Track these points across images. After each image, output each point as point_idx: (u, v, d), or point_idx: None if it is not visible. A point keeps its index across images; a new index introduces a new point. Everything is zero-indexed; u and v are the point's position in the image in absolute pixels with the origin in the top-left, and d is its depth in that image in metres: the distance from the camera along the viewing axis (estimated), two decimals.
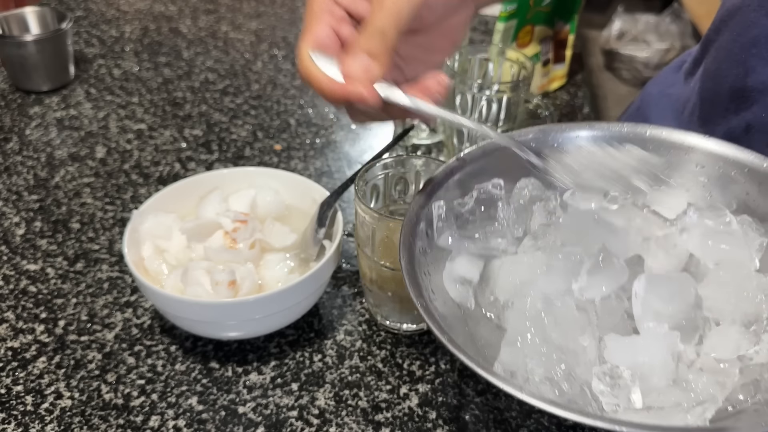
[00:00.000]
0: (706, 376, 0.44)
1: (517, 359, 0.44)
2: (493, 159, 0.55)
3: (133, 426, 0.55)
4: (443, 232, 0.51)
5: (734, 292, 0.47)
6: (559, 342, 0.44)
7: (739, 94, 0.62)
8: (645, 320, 0.47)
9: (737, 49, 0.61)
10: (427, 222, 0.51)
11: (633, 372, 0.44)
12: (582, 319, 0.46)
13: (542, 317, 0.45)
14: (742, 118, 0.62)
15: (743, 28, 0.61)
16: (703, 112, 0.67)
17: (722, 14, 0.65)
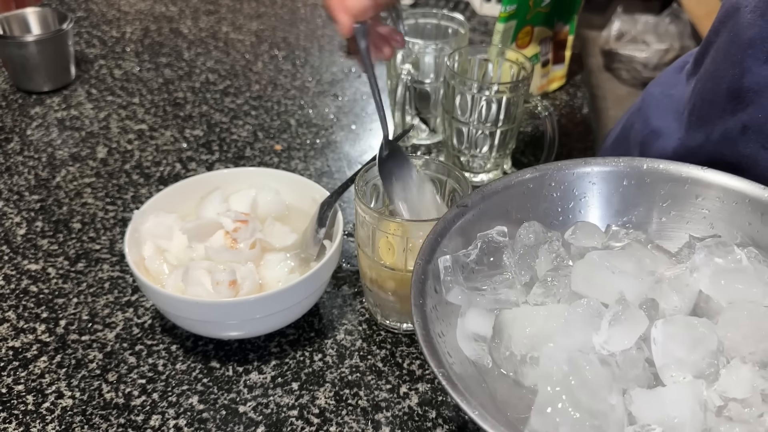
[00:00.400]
0: (738, 427, 0.43)
1: (548, 427, 0.43)
2: (492, 204, 0.56)
3: (134, 425, 0.55)
4: (451, 287, 0.51)
5: (751, 331, 0.47)
6: (589, 405, 0.43)
7: (735, 95, 0.62)
8: (668, 370, 0.46)
9: (734, 50, 0.62)
10: (434, 278, 0.50)
11: (664, 428, 0.42)
12: (607, 375, 0.44)
13: (570, 381, 0.43)
14: (739, 119, 0.62)
15: (740, 29, 0.61)
16: (702, 112, 0.68)
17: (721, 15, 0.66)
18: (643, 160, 0.59)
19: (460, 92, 0.77)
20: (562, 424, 0.42)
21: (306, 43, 1.15)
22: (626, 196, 0.59)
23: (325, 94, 1.02)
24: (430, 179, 0.63)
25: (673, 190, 0.58)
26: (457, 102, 0.78)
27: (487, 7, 1.26)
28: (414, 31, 0.89)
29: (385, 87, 1.02)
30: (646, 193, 0.58)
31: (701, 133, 0.67)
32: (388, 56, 0.69)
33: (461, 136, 0.80)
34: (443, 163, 0.64)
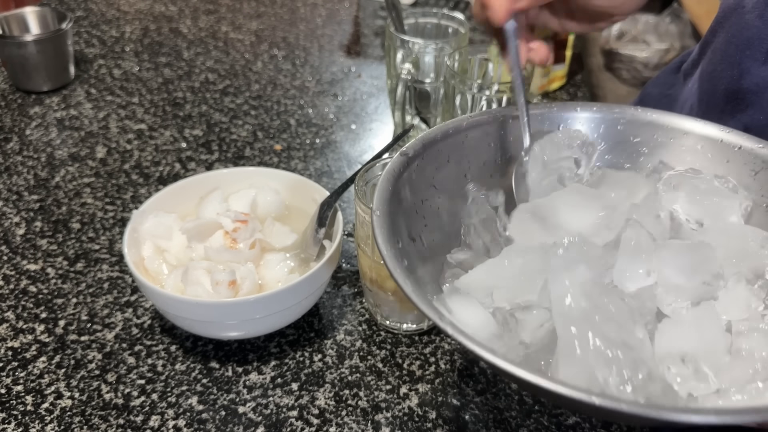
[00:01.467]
0: (755, 334, 0.41)
1: (582, 372, 0.38)
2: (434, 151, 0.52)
3: (134, 426, 0.55)
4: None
5: (732, 251, 0.46)
6: (621, 338, 0.39)
7: (734, 96, 0.62)
8: (664, 299, 0.44)
9: (732, 51, 0.61)
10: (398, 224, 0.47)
11: (698, 355, 0.41)
12: (626, 309, 0.41)
13: (594, 316, 0.39)
14: (739, 120, 0.62)
15: (737, 30, 0.61)
16: (700, 113, 0.67)
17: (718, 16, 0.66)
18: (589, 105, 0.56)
19: (460, 92, 0.77)
20: (599, 366, 0.38)
21: (306, 43, 1.15)
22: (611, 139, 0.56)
23: (324, 93, 1.01)
24: None
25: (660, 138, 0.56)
26: (457, 102, 0.78)
27: None
28: (414, 31, 0.88)
29: (384, 87, 1.02)
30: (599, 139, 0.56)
31: None
32: (542, 59, 0.58)
33: None
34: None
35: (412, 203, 0.49)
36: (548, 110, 0.56)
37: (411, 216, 0.48)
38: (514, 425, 0.56)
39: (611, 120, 0.56)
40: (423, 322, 0.64)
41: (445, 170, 0.52)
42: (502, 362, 0.35)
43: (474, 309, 0.45)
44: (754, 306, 0.44)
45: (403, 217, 0.47)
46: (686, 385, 0.41)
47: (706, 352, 0.41)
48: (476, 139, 0.54)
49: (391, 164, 0.48)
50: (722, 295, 0.45)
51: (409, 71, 0.84)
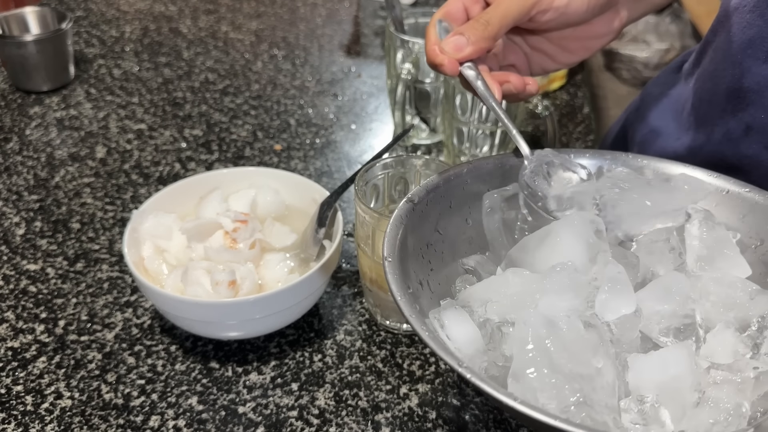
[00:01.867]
0: (726, 387, 0.42)
1: (525, 392, 0.41)
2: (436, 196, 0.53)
3: (133, 426, 0.55)
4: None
5: (720, 299, 0.47)
6: (569, 368, 0.41)
7: (735, 95, 0.62)
8: (650, 324, 0.46)
9: (733, 50, 0.61)
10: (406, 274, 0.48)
11: (662, 392, 0.42)
12: (592, 338, 0.43)
13: (546, 343, 0.42)
14: (740, 120, 0.62)
15: (739, 29, 0.61)
16: (701, 112, 0.67)
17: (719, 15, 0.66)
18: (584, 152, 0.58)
19: (460, 92, 0.77)
20: (540, 390, 0.41)
21: (306, 43, 1.15)
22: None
23: (324, 93, 1.01)
24: None
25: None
26: (457, 102, 0.78)
27: None
28: (414, 31, 0.88)
29: (384, 87, 1.02)
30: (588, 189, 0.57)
31: (701, 134, 0.67)
32: (517, 89, 0.57)
33: (461, 135, 0.80)
34: (443, 163, 0.63)
35: (418, 248, 0.50)
36: (545, 156, 0.57)
37: (417, 261, 0.50)
38: (514, 425, 0.56)
39: (598, 167, 0.57)
40: None
41: (447, 215, 0.53)
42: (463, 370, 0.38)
43: (465, 325, 0.46)
44: (741, 352, 0.45)
45: (411, 262, 0.49)
46: (638, 422, 0.42)
47: (670, 392, 0.42)
48: (476, 184, 0.55)
49: (398, 211, 0.50)
50: (710, 338, 0.46)
51: (409, 71, 0.84)
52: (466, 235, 0.54)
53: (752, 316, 0.47)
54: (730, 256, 0.50)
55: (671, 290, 0.47)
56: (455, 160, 0.83)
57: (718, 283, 0.48)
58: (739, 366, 0.44)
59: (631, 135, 0.80)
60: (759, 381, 0.43)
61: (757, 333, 0.46)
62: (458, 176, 0.54)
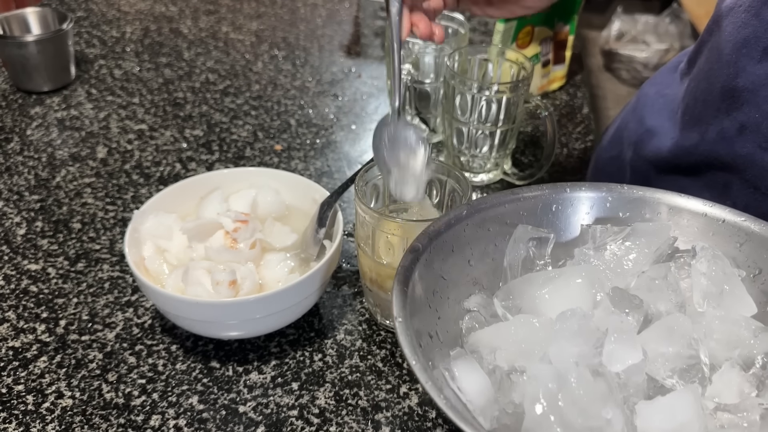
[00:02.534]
0: (732, 430, 0.43)
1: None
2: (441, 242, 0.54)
3: (134, 425, 0.55)
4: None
5: (724, 338, 0.47)
6: (581, 423, 0.41)
7: (730, 94, 0.62)
8: (656, 367, 0.46)
9: (728, 50, 0.62)
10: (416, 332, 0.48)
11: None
12: (601, 387, 0.43)
13: (558, 400, 0.42)
14: (735, 119, 0.62)
15: (734, 29, 0.61)
16: (696, 111, 0.68)
17: (715, 15, 0.66)
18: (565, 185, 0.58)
19: (460, 92, 0.77)
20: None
21: (306, 43, 1.15)
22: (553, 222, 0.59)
23: (325, 94, 1.02)
24: (424, 143, 0.61)
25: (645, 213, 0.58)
26: (457, 102, 0.78)
27: None
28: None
29: (384, 87, 1.02)
30: (577, 216, 0.58)
31: (696, 133, 0.67)
32: (423, 33, 0.68)
33: (461, 136, 0.80)
34: (443, 163, 0.64)
35: (425, 298, 0.51)
36: (540, 193, 0.58)
37: (425, 312, 0.50)
38: None
39: (600, 198, 0.58)
40: None
41: (450, 260, 0.54)
42: None
43: (474, 374, 0.47)
44: (747, 391, 0.45)
45: (419, 317, 0.49)
46: None
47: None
48: (476, 226, 0.56)
49: (402, 262, 0.50)
50: (716, 378, 0.46)
51: (409, 71, 0.84)
52: (469, 277, 0.55)
53: (756, 354, 0.47)
54: (737, 294, 0.51)
55: (674, 331, 0.47)
56: (455, 161, 0.83)
57: (722, 321, 0.48)
58: (745, 406, 0.44)
59: (627, 135, 0.80)
60: (765, 421, 0.43)
61: (761, 371, 0.46)
62: (458, 219, 0.55)
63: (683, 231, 0.56)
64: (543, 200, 0.58)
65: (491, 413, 0.45)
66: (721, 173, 0.65)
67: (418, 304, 0.49)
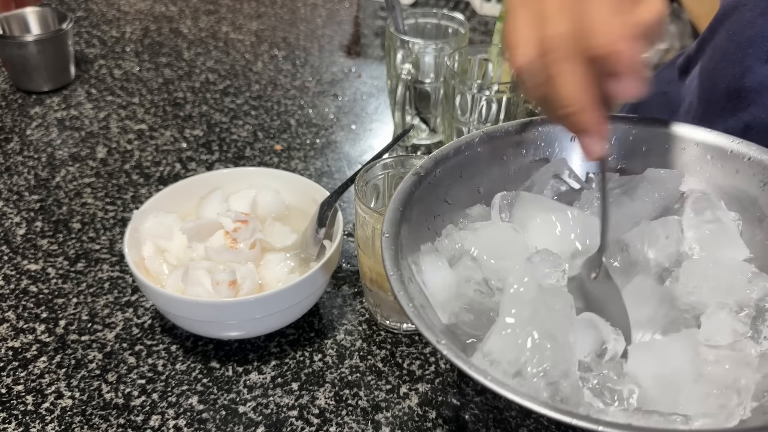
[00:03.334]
0: (726, 362, 0.42)
1: (508, 347, 0.41)
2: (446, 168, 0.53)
3: (134, 425, 0.55)
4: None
5: (719, 284, 0.47)
6: (552, 333, 0.41)
7: (735, 95, 0.62)
8: (636, 332, 0.46)
9: (733, 49, 0.61)
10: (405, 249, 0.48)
11: (660, 383, 0.42)
12: (570, 313, 0.44)
13: (537, 305, 0.42)
14: (740, 119, 0.62)
15: (739, 28, 0.61)
16: (700, 111, 0.67)
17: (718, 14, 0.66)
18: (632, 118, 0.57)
19: (460, 92, 0.77)
20: (523, 348, 0.41)
21: (306, 43, 1.15)
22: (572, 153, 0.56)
23: (325, 94, 1.01)
24: None
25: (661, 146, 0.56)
26: (457, 102, 0.78)
27: (487, 6, 1.26)
28: (414, 31, 0.89)
29: (384, 87, 1.02)
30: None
31: None
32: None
33: (461, 136, 0.80)
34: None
35: (423, 220, 0.50)
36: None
37: (422, 232, 0.50)
38: (514, 425, 0.56)
39: (623, 131, 0.56)
40: None
41: (457, 185, 0.53)
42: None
43: (440, 271, 0.47)
44: (741, 332, 0.45)
45: (413, 235, 0.48)
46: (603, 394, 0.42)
47: (667, 383, 0.42)
48: (488, 152, 0.54)
49: (403, 184, 0.50)
50: (705, 320, 0.46)
51: (409, 71, 0.84)
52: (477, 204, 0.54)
53: (751, 299, 0.46)
54: (729, 238, 0.50)
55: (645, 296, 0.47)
56: None
57: (718, 266, 0.48)
58: (740, 346, 0.44)
59: None
60: (765, 359, 0.43)
61: (755, 313, 0.46)
62: (470, 145, 0.53)
63: (707, 167, 0.54)
64: (562, 129, 0.55)
65: (451, 308, 0.46)
66: None
67: (415, 224, 0.49)
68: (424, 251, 0.48)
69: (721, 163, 0.54)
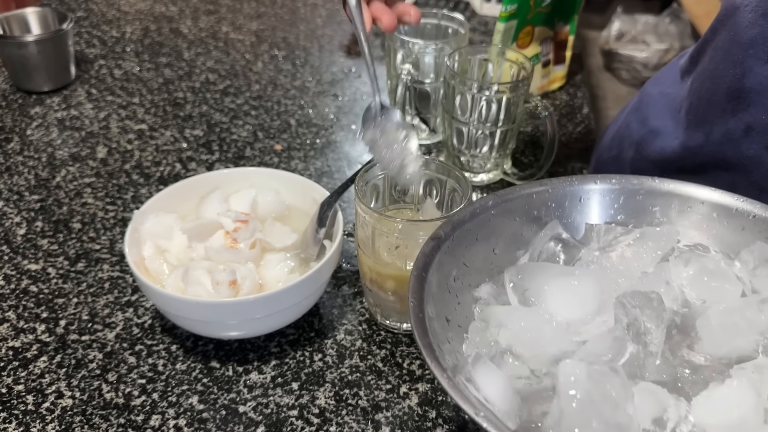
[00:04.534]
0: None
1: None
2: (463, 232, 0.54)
3: (134, 425, 0.55)
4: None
5: (737, 325, 0.48)
6: (613, 419, 0.41)
7: (736, 95, 0.62)
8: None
9: (734, 50, 0.61)
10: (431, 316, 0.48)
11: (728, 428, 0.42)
12: (621, 384, 0.43)
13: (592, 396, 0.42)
14: (741, 120, 0.62)
15: (740, 29, 0.61)
16: (700, 111, 0.67)
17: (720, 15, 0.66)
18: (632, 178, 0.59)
19: (460, 92, 0.77)
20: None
21: (306, 43, 1.15)
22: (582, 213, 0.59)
23: (325, 94, 1.02)
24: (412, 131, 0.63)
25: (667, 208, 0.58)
26: (457, 102, 0.78)
27: (487, 7, 1.26)
28: (414, 31, 0.89)
29: (385, 87, 1.02)
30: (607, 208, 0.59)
31: (700, 133, 0.67)
32: (387, 26, 0.66)
33: (461, 136, 0.80)
34: (443, 163, 0.64)
35: (445, 284, 0.51)
36: (569, 184, 0.59)
37: (444, 297, 0.51)
38: None
39: (630, 191, 0.58)
40: None
41: (474, 248, 0.54)
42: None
43: (497, 380, 0.46)
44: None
45: (436, 301, 0.49)
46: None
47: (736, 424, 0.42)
48: (502, 216, 0.56)
49: (423, 249, 0.51)
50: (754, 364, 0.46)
51: (409, 71, 0.84)
52: (493, 265, 0.56)
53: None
54: (722, 280, 0.51)
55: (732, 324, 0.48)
56: (455, 161, 0.83)
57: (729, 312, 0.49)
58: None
59: (629, 135, 0.80)
60: None
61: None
62: (484, 209, 0.55)
63: (713, 225, 0.56)
64: (571, 192, 0.58)
65: (514, 413, 0.45)
66: (726, 174, 0.65)
67: (437, 289, 0.50)
68: (473, 362, 0.47)
69: (727, 221, 0.56)
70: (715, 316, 0.49)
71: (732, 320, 0.48)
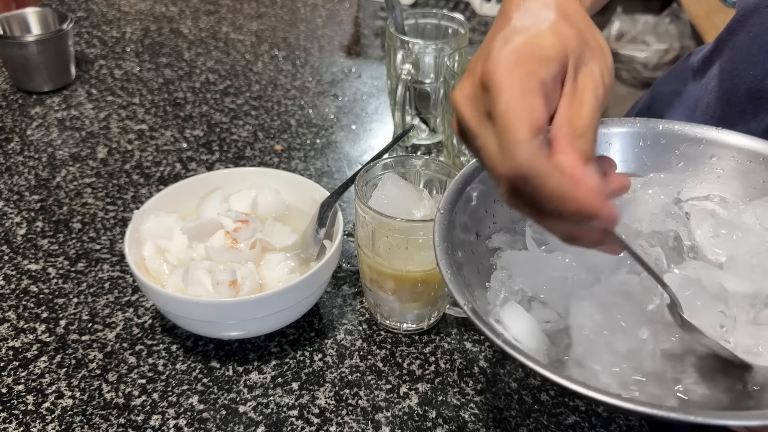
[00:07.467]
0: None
1: (587, 376, 0.43)
2: None
3: (134, 425, 0.55)
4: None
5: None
6: (625, 347, 0.42)
7: (757, 96, 0.61)
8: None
9: (755, 50, 0.61)
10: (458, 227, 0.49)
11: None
12: (633, 309, 0.44)
13: (604, 331, 0.43)
14: (761, 120, 0.61)
15: (761, 29, 0.61)
16: (719, 112, 0.67)
17: (737, 15, 0.65)
18: (659, 121, 0.58)
19: None
20: (602, 373, 0.42)
21: (306, 43, 1.15)
22: (641, 157, 0.58)
23: (325, 94, 1.02)
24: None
25: (687, 151, 0.57)
26: None
27: (487, 7, 1.26)
28: (414, 31, 0.89)
29: (385, 87, 1.03)
30: (660, 153, 0.58)
31: None
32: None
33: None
34: (443, 163, 0.64)
35: (482, 203, 0.51)
36: (633, 125, 0.57)
37: (479, 215, 0.51)
38: (514, 425, 0.57)
39: (656, 134, 0.57)
40: (423, 321, 0.64)
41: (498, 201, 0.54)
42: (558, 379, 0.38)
43: (525, 321, 0.46)
44: None
45: (469, 216, 0.49)
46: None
47: None
48: None
49: (465, 169, 0.51)
50: None
51: (409, 72, 0.84)
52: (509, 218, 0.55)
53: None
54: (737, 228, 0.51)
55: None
56: (455, 161, 0.83)
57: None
58: None
59: None
60: None
61: None
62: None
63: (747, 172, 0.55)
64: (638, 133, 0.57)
65: (543, 351, 0.46)
66: None
67: (472, 207, 0.50)
68: (501, 304, 0.48)
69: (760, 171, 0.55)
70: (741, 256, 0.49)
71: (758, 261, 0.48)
